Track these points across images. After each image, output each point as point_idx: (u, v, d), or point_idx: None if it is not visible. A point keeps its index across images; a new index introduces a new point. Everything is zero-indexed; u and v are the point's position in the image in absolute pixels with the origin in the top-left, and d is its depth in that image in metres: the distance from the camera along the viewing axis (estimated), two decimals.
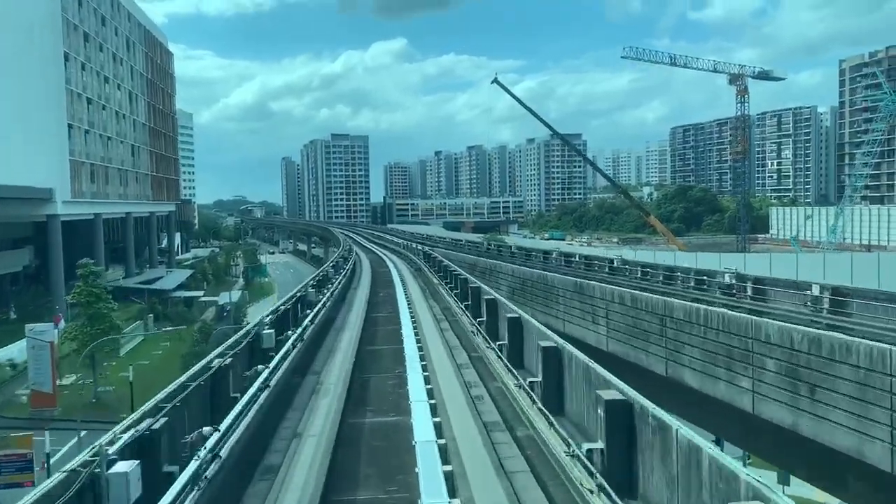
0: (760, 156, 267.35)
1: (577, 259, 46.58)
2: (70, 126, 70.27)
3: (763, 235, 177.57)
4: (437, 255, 47.19)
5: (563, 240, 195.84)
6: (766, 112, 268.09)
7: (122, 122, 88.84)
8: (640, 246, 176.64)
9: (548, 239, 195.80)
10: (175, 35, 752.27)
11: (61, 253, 66.94)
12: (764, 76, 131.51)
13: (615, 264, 39.80)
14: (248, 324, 23.19)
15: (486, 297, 22.21)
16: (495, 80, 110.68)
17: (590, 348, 25.82)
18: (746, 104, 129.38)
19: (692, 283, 33.00)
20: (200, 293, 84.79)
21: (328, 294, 29.70)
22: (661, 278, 33.58)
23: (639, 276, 35.53)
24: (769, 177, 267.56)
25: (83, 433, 35.49)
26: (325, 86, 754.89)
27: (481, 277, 37.73)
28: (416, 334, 20.48)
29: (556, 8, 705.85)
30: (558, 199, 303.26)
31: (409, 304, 27.80)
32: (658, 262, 44.37)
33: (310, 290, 27.71)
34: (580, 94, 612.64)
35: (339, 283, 36.96)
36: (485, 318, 21.37)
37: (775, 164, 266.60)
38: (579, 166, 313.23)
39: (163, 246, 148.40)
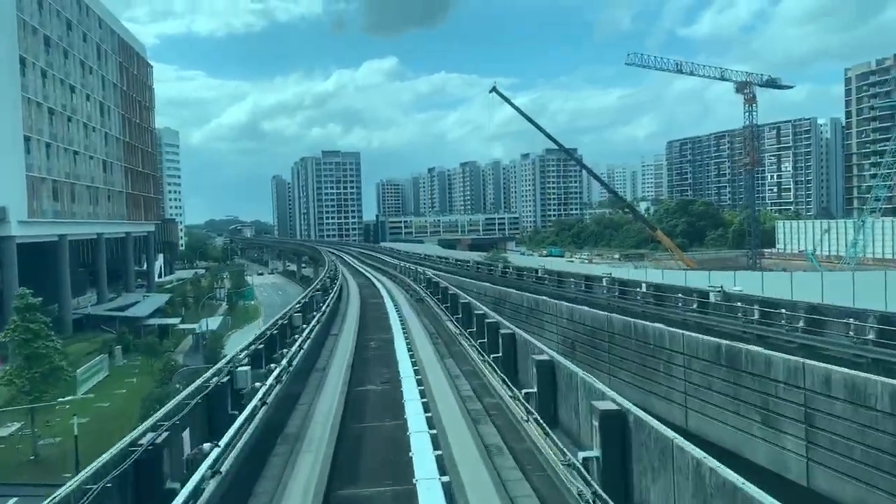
0: (760, 168, 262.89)
1: (648, 290, 34.42)
2: (28, 138, 63.43)
3: (769, 250, 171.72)
4: (444, 282, 39.05)
5: (562, 256, 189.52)
6: (765, 124, 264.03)
7: (91, 135, 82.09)
8: (643, 262, 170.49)
9: (546, 255, 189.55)
10: (167, 56, 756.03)
11: (16, 279, 59.80)
12: (772, 84, 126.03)
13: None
14: (224, 357, 16.57)
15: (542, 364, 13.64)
16: (494, 89, 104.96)
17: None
18: (754, 113, 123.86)
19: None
20: (177, 320, 77.58)
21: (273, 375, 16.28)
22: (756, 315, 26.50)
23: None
24: (769, 190, 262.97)
25: (14, 500, 28.66)
26: (316, 104, 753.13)
27: (514, 319, 29.23)
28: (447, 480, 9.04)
29: (547, 26, 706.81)
30: (554, 215, 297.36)
31: (415, 371, 16.55)
32: (688, 284, 37.87)
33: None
34: (571, 111, 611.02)
35: (307, 335, 23.71)
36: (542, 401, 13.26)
37: (775, 176, 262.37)
38: (576, 181, 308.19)
39: (145, 268, 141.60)
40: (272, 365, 17.12)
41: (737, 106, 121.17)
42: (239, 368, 14.77)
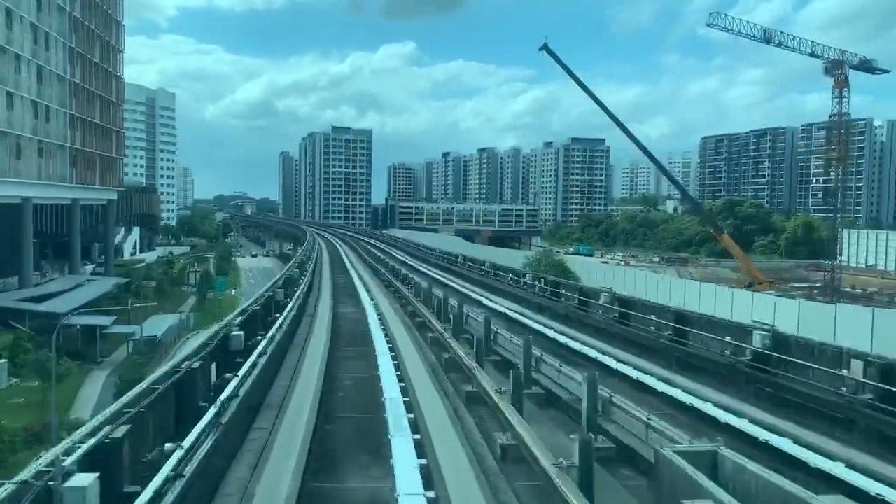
0: (803, 171, 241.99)
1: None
2: None
3: (828, 263, 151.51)
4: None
5: (592, 255, 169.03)
6: (812, 123, 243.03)
7: (19, 68, 62.24)
8: (687, 268, 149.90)
9: (573, 254, 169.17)
10: (186, 28, 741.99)
11: None
12: (866, 67, 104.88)
13: None
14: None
15: None
16: (544, 47, 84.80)
17: None
18: (846, 99, 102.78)
19: None
20: (108, 320, 57.56)
21: None
22: None
23: None
24: (813, 195, 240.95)
25: None
26: (331, 86, 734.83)
27: None
28: None
29: (567, 20, 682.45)
30: (577, 210, 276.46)
31: None
32: None
33: None
34: (586, 107, 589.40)
35: None
36: None
37: (821, 180, 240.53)
38: (601, 174, 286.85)
39: (117, 242, 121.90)
40: None
41: (754, 109, 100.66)
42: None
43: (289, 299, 27.67)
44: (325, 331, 24.86)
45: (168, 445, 9.07)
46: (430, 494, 8.49)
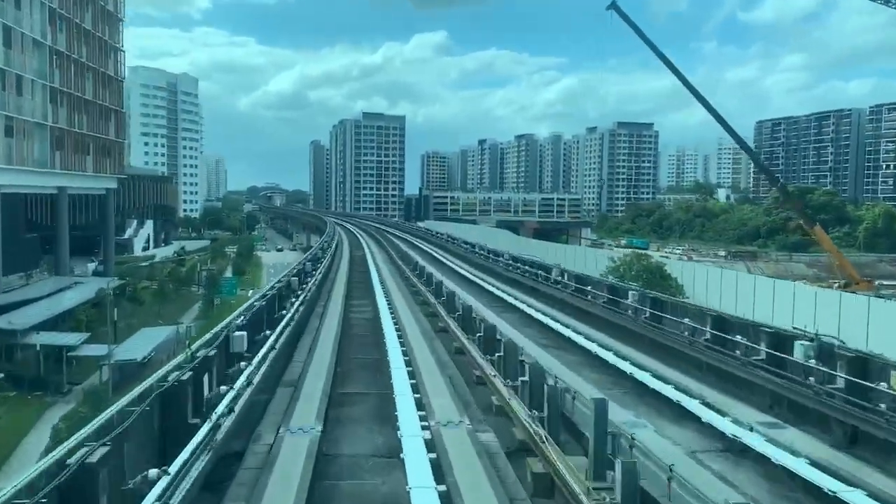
0: (872, 156, 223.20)
1: None
2: None
3: None
4: None
5: (646, 248, 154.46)
6: (882, 104, 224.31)
7: None
8: (757, 263, 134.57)
9: (625, 246, 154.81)
10: (219, 20, 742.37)
11: None
12: None
13: None
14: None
15: None
16: (612, 5, 71.20)
17: None
18: None
19: None
20: (77, 339, 45.75)
21: None
22: None
23: None
24: (883, 181, 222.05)
25: None
26: (363, 76, 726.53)
27: None
28: None
29: (599, 6, 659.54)
30: (622, 199, 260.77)
31: None
32: None
33: None
34: (620, 95, 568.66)
35: None
36: None
37: (892, 166, 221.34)
38: (649, 161, 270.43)
39: (125, 237, 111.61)
40: None
41: (791, 96, 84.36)
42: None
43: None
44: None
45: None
46: None
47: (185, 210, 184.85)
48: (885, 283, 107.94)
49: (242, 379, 12.53)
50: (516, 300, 30.57)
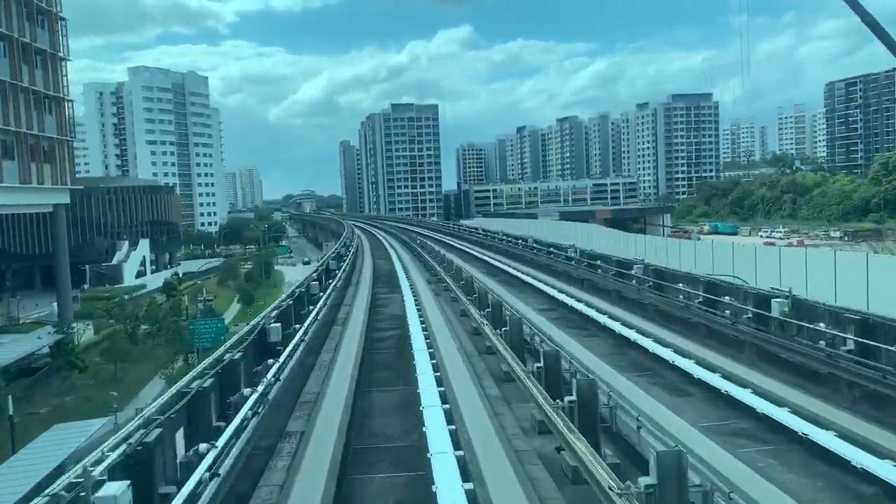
0: None
1: None
2: None
3: None
4: None
5: (735, 233, 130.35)
6: None
7: None
8: (884, 243, 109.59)
9: (710, 233, 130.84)
10: (246, 33, 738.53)
11: None
12: None
13: None
14: None
15: None
16: None
17: None
18: None
19: None
20: None
21: None
22: None
23: None
24: None
25: None
26: (391, 77, 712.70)
27: None
28: None
29: None
30: (683, 179, 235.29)
31: None
32: None
33: None
34: (652, 75, 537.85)
35: None
36: None
37: None
38: (710, 135, 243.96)
39: (115, 262, 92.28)
40: None
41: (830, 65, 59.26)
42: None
43: None
44: None
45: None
46: None
47: (202, 224, 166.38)
48: None
49: None
50: None
